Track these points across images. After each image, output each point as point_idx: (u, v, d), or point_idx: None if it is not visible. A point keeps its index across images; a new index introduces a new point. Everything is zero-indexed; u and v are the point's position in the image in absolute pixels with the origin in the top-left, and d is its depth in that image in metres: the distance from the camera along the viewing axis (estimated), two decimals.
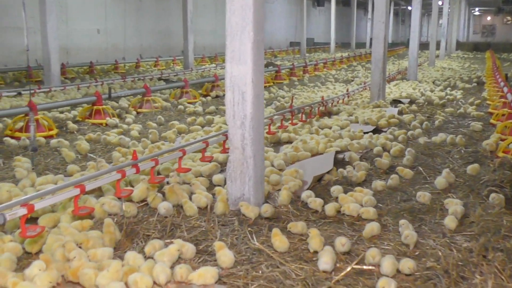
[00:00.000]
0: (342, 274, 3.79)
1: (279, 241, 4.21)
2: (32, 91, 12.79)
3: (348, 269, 3.85)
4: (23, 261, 3.94)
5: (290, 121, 9.14)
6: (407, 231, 4.31)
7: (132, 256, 3.82)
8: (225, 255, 3.86)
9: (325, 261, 3.84)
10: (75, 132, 8.96)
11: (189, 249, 4.01)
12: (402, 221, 4.57)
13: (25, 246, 4.00)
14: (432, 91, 15.25)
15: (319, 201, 5.09)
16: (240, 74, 4.91)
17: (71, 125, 9.16)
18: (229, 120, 5.04)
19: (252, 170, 5.01)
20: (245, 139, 4.97)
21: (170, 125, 9.50)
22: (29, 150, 6.77)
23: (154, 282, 3.54)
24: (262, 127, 5.18)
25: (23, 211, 3.76)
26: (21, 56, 19.99)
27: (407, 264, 3.75)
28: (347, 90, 13.67)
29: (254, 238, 4.46)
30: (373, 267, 3.90)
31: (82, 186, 4.29)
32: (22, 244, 4.03)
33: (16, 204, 3.81)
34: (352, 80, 19.22)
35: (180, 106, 11.63)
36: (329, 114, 10.92)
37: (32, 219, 4.47)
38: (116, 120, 9.71)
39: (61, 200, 4.26)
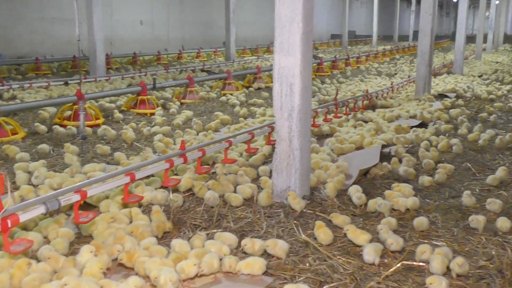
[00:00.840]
0: (391, 270, 3.74)
1: (323, 233, 4.18)
2: (80, 81, 13.09)
3: (398, 265, 3.79)
4: (75, 245, 4.04)
5: (334, 114, 9.06)
6: (390, 239, 4.04)
7: (178, 243, 3.86)
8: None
9: (368, 252, 3.80)
10: (121, 122, 9.11)
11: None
12: (380, 226, 4.30)
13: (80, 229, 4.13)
14: (479, 85, 14.84)
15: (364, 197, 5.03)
16: (289, 65, 4.88)
17: (117, 114, 9.32)
18: (276, 111, 5.02)
19: (298, 162, 4.99)
20: (292, 131, 4.94)
21: (215, 116, 9.57)
22: (78, 138, 6.92)
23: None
24: (309, 119, 5.14)
25: (76, 197, 3.84)
26: (67, 47, 20.48)
27: (457, 261, 3.64)
28: (391, 84, 13.44)
29: (300, 230, 4.44)
30: (423, 264, 3.83)
31: (132, 174, 4.35)
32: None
33: (70, 191, 3.90)
34: (396, 73, 18.90)
35: (223, 97, 11.68)
36: (373, 107, 10.77)
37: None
38: (160, 110, 9.84)
39: (113, 187, 4.34)
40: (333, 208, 4.97)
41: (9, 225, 3.32)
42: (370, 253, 3.83)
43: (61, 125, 8.38)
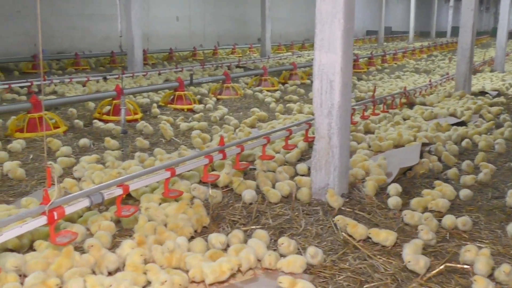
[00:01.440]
0: (434, 272, 3.67)
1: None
2: (118, 76, 13.30)
3: (441, 267, 3.71)
4: (116, 238, 4.11)
5: (371, 111, 8.95)
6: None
7: (214, 238, 3.88)
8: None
9: (407, 252, 3.75)
10: (158, 117, 9.21)
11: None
12: (421, 226, 4.17)
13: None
14: None
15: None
16: (329, 62, 4.84)
17: (155, 109, 9.43)
18: (316, 108, 4.99)
19: (337, 160, 4.95)
20: (332, 128, 4.91)
21: (251, 112, 9.59)
22: (119, 133, 7.02)
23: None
24: (349, 117, 5.09)
25: (119, 191, 3.90)
26: (104, 42, 20.83)
27: (503, 269, 3.52)
28: (430, 81, 13.19)
29: (339, 229, 4.40)
30: (467, 266, 3.75)
31: (172, 169, 4.40)
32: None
33: (113, 184, 3.96)
34: (434, 70, 18.55)
35: (259, 94, 11.69)
36: (411, 105, 10.59)
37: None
38: (198, 106, 9.92)
39: (154, 182, 4.39)
40: (372, 207, 4.92)
41: (56, 217, 3.40)
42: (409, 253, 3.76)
43: (100, 120, 8.53)
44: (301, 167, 5.76)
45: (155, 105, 9.75)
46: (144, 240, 3.69)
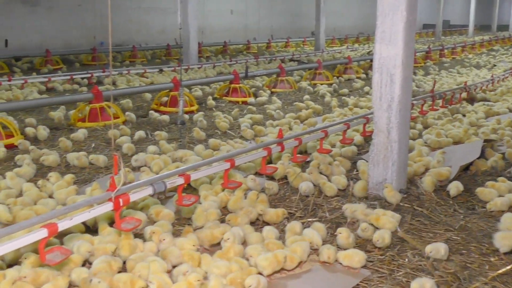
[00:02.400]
0: (499, 271, 3.56)
1: None
2: (172, 68, 13.56)
3: (508, 267, 3.60)
4: (175, 226, 4.21)
5: (430, 107, 8.74)
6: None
7: (269, 230, 3.92)
8: None
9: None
10: (214, 109, 9.32)
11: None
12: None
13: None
14: None
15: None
16: (390, 55, 4.76)
17: (210, 101, 9.55)
18: (375, 102, 4.92)
19: (396, 154, 4.87)
20: (391, 123, 4.83)
21: (305, 104, 9.58)
22: (177, 124, 7.16)
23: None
24: (409, 111, 5.01)
25: (180, 180, 3.99)
26: (160, 35, 21.24)
27: None
28: (492, 76, 12.75)
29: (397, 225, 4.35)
30: None
31: (232, 160, 4.45)
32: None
33: (175, 174, 4.06)
34: (495, 65, 17.90)
35: (312, 87, 11.63)
36: (471, 100, 10.27)
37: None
38: (252, 99, 9.98)
39: (214, 172, 4.46)
40: (431, 203, 4.82)
41: (121, 203, 3.51)
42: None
43: (157, 111, 8.72)
44: (358, 160, 5.69)
45: (210, 97, 9.88)
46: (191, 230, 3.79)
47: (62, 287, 3.09)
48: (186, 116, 8.19)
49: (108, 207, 3.48)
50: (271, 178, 5.24)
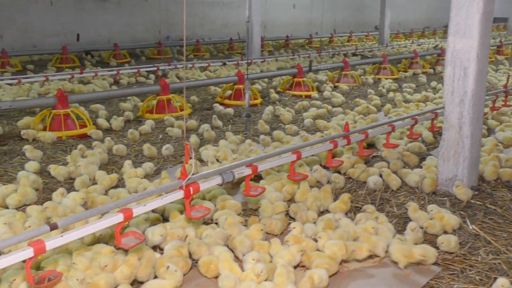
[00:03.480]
0: None
1: None
2: (235, 62, 13.69)
3: None
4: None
5: (503, 102, 8.40)
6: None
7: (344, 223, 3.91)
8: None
9: None
10: (277, 102, 9.34)
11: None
12: None
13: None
14: None
15: None
16: (464, 48, 4.61)
17: (273, 95, 9.59)
18: (446, 96, 4.78)
19: (468, 150, 4.72)
20: (463, 117, 4.68)
21: (370, 97, 9.46)
22: (243, 116, 7.23)
23: None
24: (482, 106, 4.83)
25: (248, 171, 4.04)
26: (223, 29, 21.45)
27: None
28: None
29: (468, 222, 4.22)
30: None
31: (298, 153, 4.45)
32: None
33: (243, 164, 4.11)
34: None
35: (375, 81, 11.43)
36: None
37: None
38: (316, 93, 9.93)
39: (280, 164, 4.49)
40: (505, 201, 4.65)
41: (191, 192, 3.59)
42: None
43: (221, 104, 8.84)
44: (426, 156, 5.57)
45: (272, 90, 9.91)
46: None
47: (135, 265, 3.19)
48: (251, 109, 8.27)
49: (179, 195, 3.57)
50: (336, 171, 5.21)
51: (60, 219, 3.06)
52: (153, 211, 3.96)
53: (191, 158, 3.50)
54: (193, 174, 3.53)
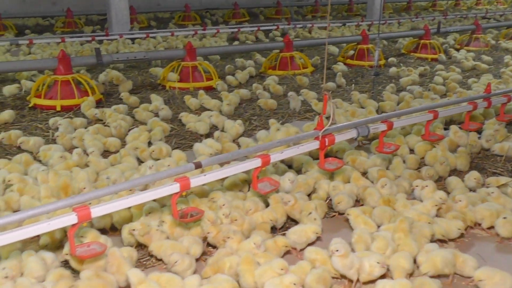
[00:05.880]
0: None
1: None
2: (356, 23, 13.29)
3: None
4: None
5: None
6: None
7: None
8: None
9: None
10: (401, 64, 8.95)
11: None
12: None
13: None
14: None
15: None
16: None
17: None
18: None
19: None
20: None
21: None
22: (371, 75, 7.03)
23: None
24: None
25: (383, 127, 3.91)
26: None
27: None
28: None
29: None
30: None
31: (435, 112, 4.23)
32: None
33: (378, 120, 3.99)
34: None
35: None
36: None
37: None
38: (443, 56, 9.40)
39: (416, 122, 4.31)
40: None
41: (326, 143, 3.55)
42: None
43: (344, 64, 8.65)
44: None
45: (400, 51, 9.52)
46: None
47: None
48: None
49: (314, 145, 3.55)
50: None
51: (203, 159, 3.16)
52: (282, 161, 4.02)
53: (329, 108, 3.45)
54: (330, 125, 3.48)
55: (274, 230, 3.30)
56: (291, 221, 3.40)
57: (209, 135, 5.06)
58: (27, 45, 9.53)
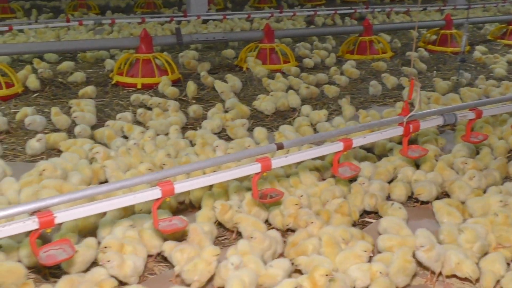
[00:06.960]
0: None
1: None
2: (437, 8, 12.75)
3: None
4: None
5: None
6: None
7: None
8: None
9: None
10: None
11: None
12: None
13: None
14: None
15: None
16: None
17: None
18: None
19: None
20: None
21: None
22: (457, 61, 6.72)
23: None
24: None
25: (471, 115, 3.73)
26: None
27: None
28: None
29: None
30: None
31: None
32: None
33: (466, 107, 3.81)
34: None
35: None
36: None
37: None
38: None
39: (505, 111, 4.09)
40: None
41: (411, 129, 3.43)
42: None
43: (425, 49, 8.32)
44: None
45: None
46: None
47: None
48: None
49: (398, 131, 3.43)
50: None
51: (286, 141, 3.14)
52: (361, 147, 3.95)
53: (416, 93, 3.31)
54: (416, 110, 3.34)
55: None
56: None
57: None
58: (109, 24, 9.84)
